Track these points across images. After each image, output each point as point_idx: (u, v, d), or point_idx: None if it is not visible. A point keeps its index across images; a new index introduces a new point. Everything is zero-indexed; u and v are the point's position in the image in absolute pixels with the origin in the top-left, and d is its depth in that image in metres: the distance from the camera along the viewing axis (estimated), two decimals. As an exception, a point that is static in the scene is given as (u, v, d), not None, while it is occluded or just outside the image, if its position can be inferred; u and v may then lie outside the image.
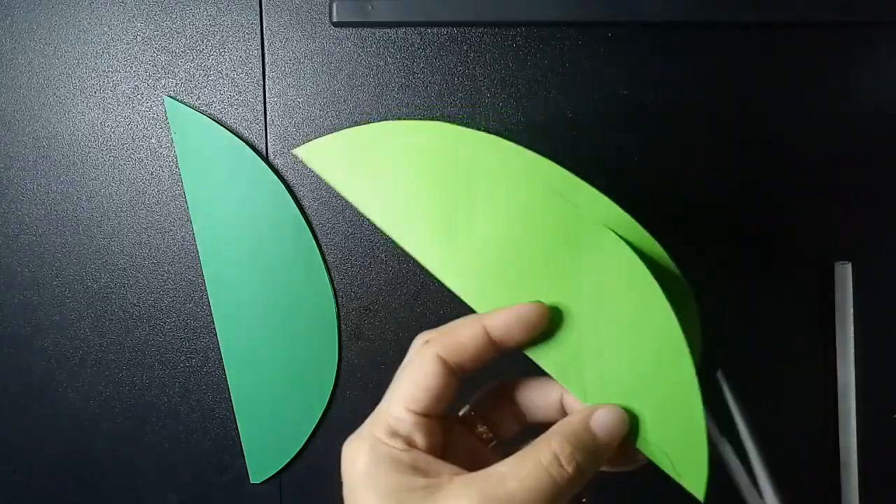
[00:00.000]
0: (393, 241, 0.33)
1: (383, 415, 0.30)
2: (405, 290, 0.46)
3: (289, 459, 0.46)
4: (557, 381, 0.32)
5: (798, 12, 0.43)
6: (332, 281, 0.46)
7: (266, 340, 0.46)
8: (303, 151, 0.35)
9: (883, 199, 0.45)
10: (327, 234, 0.46)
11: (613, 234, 0.32)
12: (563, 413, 0.33)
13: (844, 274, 0.44)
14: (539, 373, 0.33)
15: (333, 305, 0.46)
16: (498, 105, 0.45)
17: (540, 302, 0.31)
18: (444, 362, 0.30)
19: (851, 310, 0.44)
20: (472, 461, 0.31)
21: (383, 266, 0.46)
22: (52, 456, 0.47)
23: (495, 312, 0.31)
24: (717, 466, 0.31)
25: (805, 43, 0.44)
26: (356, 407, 0.46)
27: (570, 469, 0.28)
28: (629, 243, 0.32)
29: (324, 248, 0.46)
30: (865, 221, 0.45)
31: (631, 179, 0.45)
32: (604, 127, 0.45)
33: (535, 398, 0.34)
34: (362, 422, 0.30)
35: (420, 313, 0.46)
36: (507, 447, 0.33)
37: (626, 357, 0.31)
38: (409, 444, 0.29)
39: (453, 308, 0.45)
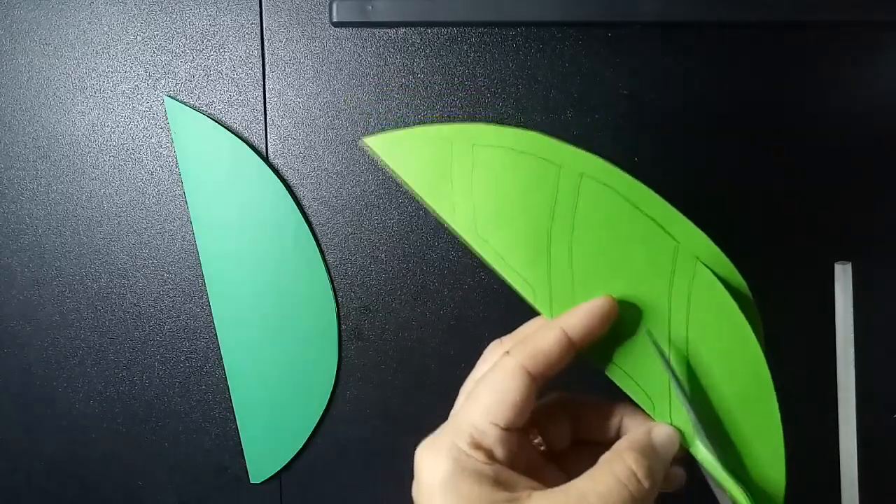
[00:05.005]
0: (464, 249, 0.32)
1: (465, 425, 0.30)
2: (405, 290, 0.46)
3: (289, 459, 0.46)
4: (644, 409, 0.33)
5: (798, 12, 0.43)
6: (332, 281, 0.46)
7: (266, 340, 0.46)
8: (375, 142, 0.33)
9: (883, 199, 0.45)
10: (327, 234, 0.46)
11: (710, 273, 0.32)
12: (619, 436, 0.33)
13: (844, 274, 0.44)
14: (596, 390, 0.33)
15: (333, 305, 0.46)
16: (498, 105, 0.45)
17: (606, 296, 0.32)
18: (528, 374, 0.30)
19: (851, 310, 0.44)
20: (529, 470, 0.31)
21: (383, 266, 0.46)
22: (52, 456, 0.47)
23: (569, 314, 0.31)
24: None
25: (805, 43, 0.44)
26: (356, 407, 0.46)
27: (647, 484, 0.29)
28: (721, 279, 0.32)
29: (324, 248, 0.46)
30: (865, 221, 0.45)
31: (631, 179, 0.45)
32: (604, 127, 0.45)
33: (596, 417, 0.34)
34: (362, 422, 0.29)
35: (420, 313, 0.46)
36: (558, 458, 0.34)
37: (712, 391, 0.32)
38: (491, 457, 0.29)
39: (454, 308, 0.46)
